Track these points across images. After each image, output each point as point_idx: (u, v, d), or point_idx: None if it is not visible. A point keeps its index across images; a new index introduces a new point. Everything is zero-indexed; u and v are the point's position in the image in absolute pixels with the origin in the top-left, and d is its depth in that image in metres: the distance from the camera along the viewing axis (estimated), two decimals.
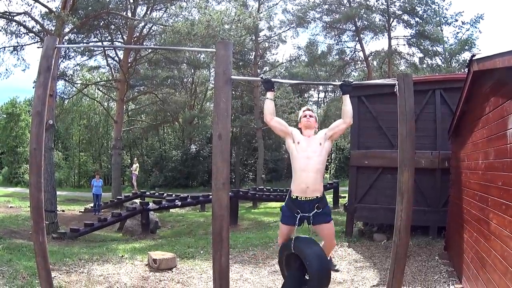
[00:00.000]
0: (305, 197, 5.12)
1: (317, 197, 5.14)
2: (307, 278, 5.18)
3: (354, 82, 5.42)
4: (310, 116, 5.40)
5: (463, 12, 49.54)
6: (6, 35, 21.20)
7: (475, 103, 6.47)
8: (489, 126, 5.43)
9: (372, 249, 10.24)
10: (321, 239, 5.46)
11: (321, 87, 49.42)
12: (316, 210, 5.12)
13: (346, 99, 5.12)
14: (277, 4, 36.66)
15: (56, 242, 12.49)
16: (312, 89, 50.60)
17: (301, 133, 5.38)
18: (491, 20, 75.15)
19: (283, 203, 5.44)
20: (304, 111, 5.50)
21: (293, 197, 5.20)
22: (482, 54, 5.28)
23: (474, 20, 33.37)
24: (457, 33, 34.29)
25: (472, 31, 33.57)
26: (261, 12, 33.77)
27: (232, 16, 26.33)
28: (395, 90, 4.67)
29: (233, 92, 36.93)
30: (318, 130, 5.44)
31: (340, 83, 5.18)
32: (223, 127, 4.38)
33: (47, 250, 4.66)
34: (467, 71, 6.38)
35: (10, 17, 19.71)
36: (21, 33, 21.30)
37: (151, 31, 28.63)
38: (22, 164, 42.48)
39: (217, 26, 23.20)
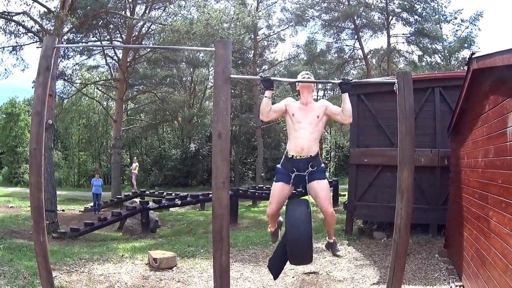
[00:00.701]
0: (300, 156, 5.17)
1: (311, 156, 5.18)
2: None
3: (353, 81, 5.39)
4: (309, 78, 5.41)
5: (462, 9, 49.73)
6: (5, 35, 21.19)
7: (475, 101, 6.47)
8: (489, 124, 5.44)
9: (372, 247, 10.25)
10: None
11: (320, 85, 49.37)
12: (310, 168, 5.16)
13: (346, 97, 5.09)
14: (276, 2, 36.71)
15: (57, 242, 12.50)
16: None
17: (298, 96, 5.42)
18: (490, 17, 75.14)
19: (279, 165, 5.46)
20: (302, 75, 5.47)
21: (289, 156, 5.26)
22: (482, 52, 5.27)
23: (473, 18, 33.47)
24: (456, 30, 34.43)
25: (471, 29, 33.70)
26: (260, 11, 33.79)
27: (231, 14, 26.37)
28: (394, 88, 4.66)
29: (232, 91, 36.93)
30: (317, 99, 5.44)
31: (339, 81, 5.16)
32: (223, 126, 4.38)
33: (47, 250, 4.66)
34: (466, 69, 6.39)
35: (9, 17, 19.69)
36: (20, 33, 21.28)
37: (150, 30, 28.64)
38: (22, 164, 42.50)
39: (216, 25, 23.22)
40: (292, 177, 5.18)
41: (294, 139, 5.20)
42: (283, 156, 5.40)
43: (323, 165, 5.37)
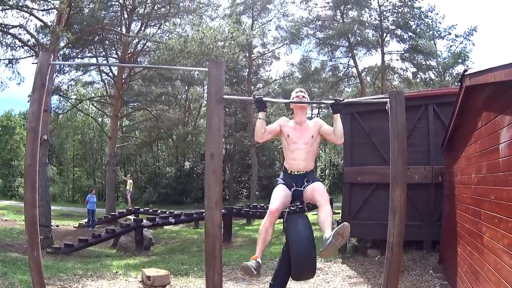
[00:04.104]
0: (298, 172, 5.28)
1: (307, 171, 5.30)
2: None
3: (345, 100, 5.43)
4: (303, 97, 5.46)
5: (456, 25, 49.82)
6: (2, 48, 21.15)
7: (468, 117, 6.52)
8: (481, 140, 5.47)
9: (366, 265, 10.22)
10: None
11: (314, 104, 49.56)
12: (306, 183, 5.23)
13: (337, 118, 5.11)
14: (270, 20, 37.06)
15: (51, 257, 12.43)
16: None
17: (292, 114, 5.49)
18: (484, 32, 75.73)
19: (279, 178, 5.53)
20: (296, 92, 5.55)
21: (289, 172, 5.35)
22: (474, 69, 5.34)
23: (467, 33, 33.81)
24: (451, 46, 34.72)
25: (465, 44, 34.01)
26: (255, 29, 33.97)
27: (226, 33, 26.43)
28: (386, 107, 4.69)
29: (227, 109, 36.99)
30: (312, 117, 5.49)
31: (331, 101, 5.19)
32: (216, 146, 4.43)
33: (42, 265, 4.66)
34: (459, 86, 6.44)
35: (5, 30, 19.68)
36: (16, 46, 21.25)
37: (145, 47, 28.72)
38: (16, 178, 42.46)
39: (210, 43, 23.26)
40: (292, 191, 5.24)
41: (291, 160, 5.30)
42: (282, 172, 5.51)
43: (318, 179, 5.48)
